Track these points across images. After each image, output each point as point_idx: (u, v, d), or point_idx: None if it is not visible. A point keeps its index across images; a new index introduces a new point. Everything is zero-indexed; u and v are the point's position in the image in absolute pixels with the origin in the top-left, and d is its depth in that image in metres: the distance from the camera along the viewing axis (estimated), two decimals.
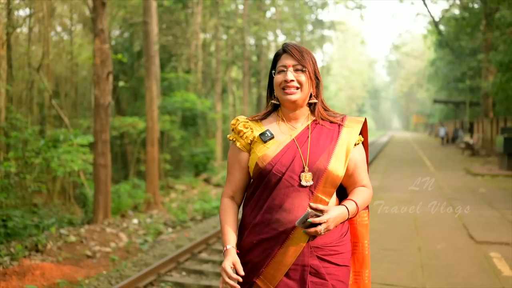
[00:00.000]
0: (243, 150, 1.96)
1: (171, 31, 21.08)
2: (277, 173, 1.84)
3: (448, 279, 3.90)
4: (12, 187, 11.33)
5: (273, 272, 1.83)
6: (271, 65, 1.98)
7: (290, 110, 1.94)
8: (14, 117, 13.88)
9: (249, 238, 1.89)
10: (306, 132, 1.91)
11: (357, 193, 1.92)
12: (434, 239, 5.27)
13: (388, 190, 9.15)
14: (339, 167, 1.85)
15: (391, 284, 3.76)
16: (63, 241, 8.34)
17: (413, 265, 4.25)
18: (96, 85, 9.65)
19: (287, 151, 1.87)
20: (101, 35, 9.52)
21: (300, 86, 1.89)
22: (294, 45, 1.94)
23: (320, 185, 1.82)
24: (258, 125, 1.98)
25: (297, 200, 1.81)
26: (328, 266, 1.85)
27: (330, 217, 1.76)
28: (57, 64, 20.72)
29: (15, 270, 6.33)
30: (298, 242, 1.81)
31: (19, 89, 17.44)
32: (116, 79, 19.38)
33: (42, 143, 12.39)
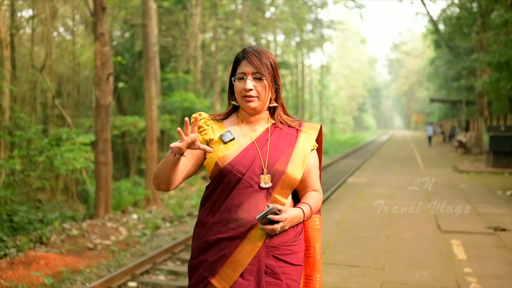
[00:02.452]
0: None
1: (171, 32, 21.53)
2: (237, 174, 1.87)
3: (407, 262, 4.38)
4: (17, 184, 11.81)
5: (229, 272, 1.85)
6: (232, 70, 1.99)
7: (250, 114, 1.98)
8: (18, 116, 14.34)
9: (206, 237, 1.90)
10: (265, 135, 1.96)
11: (310, 197, 1.98)
12: (404, 229, 5.75)
13: (373, 186, 9.63)
14: (297, 170, 1.90)
15: (354, 265, 4.24)
16: (66, 234, 8.82)
17: (379, 250, 4.73)
18: (97, 86, 10.13)
19: (247, 153, 1.90)
20: (101, 38, 9.99)
21: (258, 95, 1.91)
22: (253, 51, 1.94)
23: (278, 187, 1.87)
24: (219, 125, 2.00)
25: (255, 200, 1.85)
26: (283, 266, 1.88)
27: (288, 217, 1.81)
28: (60, 65, 21.12)
29: (21, 260, 6.82)
30: (255, 242, 1.84)
31: (22, 89, 17.86)
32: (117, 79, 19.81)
33: (45, 142, 12.83)
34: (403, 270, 4.13)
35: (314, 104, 51.05)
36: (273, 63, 1.96)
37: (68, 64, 21.95)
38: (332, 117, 59.55)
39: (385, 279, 3.90)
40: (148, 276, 6.19)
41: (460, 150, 22.29)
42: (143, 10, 13.46)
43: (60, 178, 13.91)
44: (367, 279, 3.88)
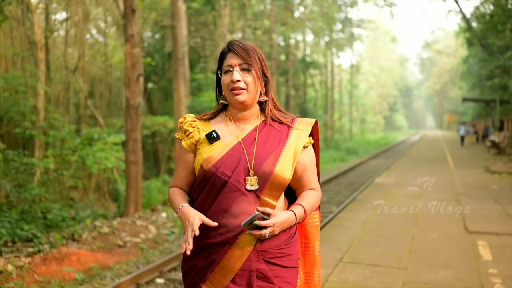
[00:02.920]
0: (188, 150, 1.90)
1: (200, 33, 21.73)
2: (222, 176, 1.79)
3: (430, 262, 4.37)
4: (51, 183, 12.14)
5: (219, 277, 1.79)
6: (217, 65, 1.92)
7: (239, 110, 1.88)
8: (52, 117, 14.73)
9: (195, 242, 1.82)
10: (253, 133, 1.86)
11: (305, 196, 1.89)
12: (430, 229, 5.72)
13: (401, 186, 9.57)
14: (286, 170, 1.81)
15: (377, 264, 4.25)
16: (97, 232, 9.05)
17: (402, 250, 4.73)
18: (127, 87, 10.35)
19: (233, 154, 1.82)
20: (131, 40, 10.20)
21: (246, 86, 1.83)
22: (239, 43, 1.87)
23: (266, 189, 1.79)
24: (206, 125, 1.92)
25: (244, 204, 1.77)
26: (276, 269, 1.82)
27: (277, 221, 1.73)
28: (92, 66, 21.56)
29: (54, 256, 7.03)
30: (244, 247, 1.77)
31: (56, 90, 18.31)
32: (148, 80, 20.11)
33: (78, 142, 13.15)
34: (426, 270, 4.13)
35: (343, 104, 50.73)
36: (260, 55, 1.88)
37: (100, 65, 22.39)
38: (362, 116, 59.05)
39: (408, 278, 3.91)
40: (175, 273, 6.31)
41: (493, 150, 21.86)
42: (172, 12, 13.66)
43: (92, 177, 14.22)
44: (389, 278, 3.90)
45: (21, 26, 17.27)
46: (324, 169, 19.72)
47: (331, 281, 3.85)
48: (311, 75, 34.02)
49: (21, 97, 14.18)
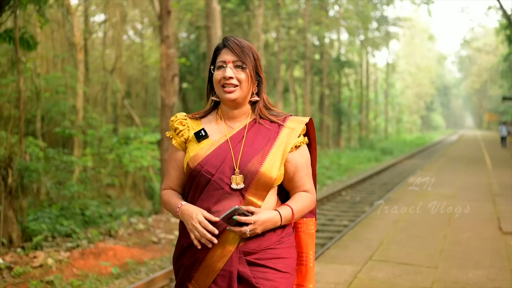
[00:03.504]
0: (179, 148, 1.89)
1: (234, 33, 21.91)
2: (206, 175, 1.76)
3: (461, 261, 4.34)
4: (89, 180, 12.49)
5: (203, 277, 1.76)
6: (211, 60, 1.88)
7: (230, 108, 1.85)
8: (90, 116, 15.13)
9: (181, 240, 1.84)
10: (242, 132, 1.82)
11: (296, 198, 1.84)
12: (463, 229, 5.66)
13: (435, 186, 9.47)
14: (273, 169, 1.75)
15: (407, 263, 4.26)
16: (133, 228, 9.27)
17: (433, 249, 4.71)
18: (162, 87, 10.55)
19: (219, 152, 1.79)
20: (166, 41, 10.39)
21: (239, 84, 1.79)
22: (235, 40, 1.83)
23: (252, 188, 1.74)
24: (196, 124, 1.89)
25: (227, 203, 1.73)
26: (266, 271, 1.75)
27: (259, 219, 1.68)
28: (129, 66, 22.00)
29: (92, 251, 7.27)
30: (226, 246, 1.72)
31: (94, 91, 18.78)
32: (183, 80, 20.38)
33: (115, 141, 13.48)
34: (456, 269, 4.11)
35: (379, 103, 50.16)
36: (255, 54, 1.84)
37: (136, 65, 22.82)
38: (398, 116, 58.27)
39: (437, 277, 3.90)
40: None
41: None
42: (207, 13, 13.82)
43: (128, 175, 14.53)
44: (419, 276, 3.90)
45: (61, 29, 17.79)
46: (358, 169, 19.60)
47: (359, 278, 3.89)
48: (345, 74, 33.79)
49: (61, 97, 14.61)
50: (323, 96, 29.05)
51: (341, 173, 17.56)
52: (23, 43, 8.13)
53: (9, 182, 7.49)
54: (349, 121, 34.41)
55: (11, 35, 8.06)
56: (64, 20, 17.94)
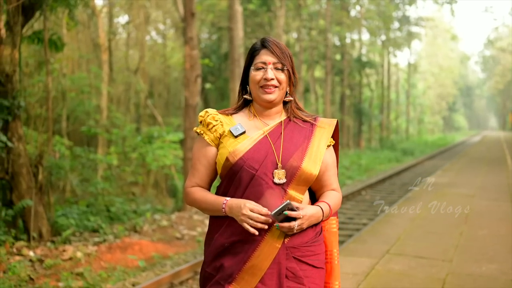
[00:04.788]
0: (211, 144, 1.85)
1: (255, 34, 22.11)
2: (249, 170, 1.75)
3: (476, 256, 4.48)
4: (114, 178, 12.81)
5: (247, 278, 1.71)
6: (247, 60, 1.90)
7: (265, 107, 1.87)
8: (114, 116, 15.48)
9: (220, 240, 1.78)
10: (279, 128, 1.85)
11: (329, 196, 1.86)
12: (479, 227, 5.78)
13: (454, 186, 9.54)
14: (313, 166, 1.79)
15: (423, 257, 4.41)
16: (157, 225, 9.54)
17: (449, 245, 4.85)
18: (186, 87, 10.80)
19: (259, 147, 1.79)
20: (190, 42, 10.64)
21: (279, 85, 1.82)
22: (274, 41, 1.85)
23: (293, 183, 1.76)
24: (229, 119, 1.89)
25: (271, 198, 1.73)
26: (306, 269, 1.76)
27: (306, 214, 1.69)
28: (152, 67, 22.34)
29: (118, 245, 7.54)
30: (273, 243, 1.71)
31: (118, 91, 19.14)
32: (205, 80, 20.65)
33: (138, 140, 13.79)
34: (471, 263, 4.25)
35: (400, 104, 49.88)
36: (291, 56, 1.88)
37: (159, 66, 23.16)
38: (420, 117, 57.83)
39: (451, 270, 4.05)
40: None
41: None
42: (229, 14, 14.06)
43: (151, 173, 14.83)
44: (434, 269, 4.06)
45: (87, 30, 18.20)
46: (379, 169, 19.64)
47: (376, 269, 4.06)
48: (366, 74, 33.75)
49: (86, 97, 14.97)
50: (344, 96, 29.07)
51: (361, 173, 17.64)
52: (51, 44, 8.46)
53: (40, 179, 7.81)
54: (370, 122, 34.35)
55: (40, 36, 8.39)
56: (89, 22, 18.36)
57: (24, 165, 7.39)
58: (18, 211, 7.12)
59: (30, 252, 6.75)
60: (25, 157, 7.45)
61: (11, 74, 7.16)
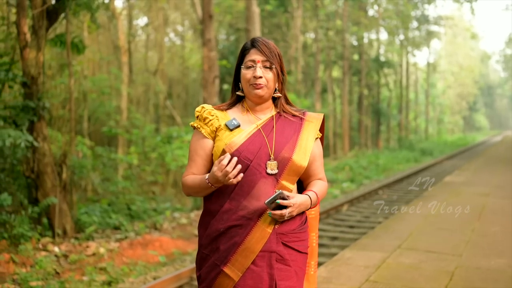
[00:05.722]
0: (208, 137, 1.98)
1: (273, 35, 22.27)
2: (245, 160, 1.88)
3: (485, 251, 4.58)
4: (134, 177, 13.08)
5: (241, 259, 1.86)
6: (239, 59, 2.02)
7: (256, 103, 2.01)
8: (134, 116, 15.78)
9: (216, 225, 1.91)
10: (271, 122, 1.99)
11: (316, 185, 2.02)
12: (492, 224, 5.85)
13: (471, 185, 9.58)
14: (302, 157, 1.93)
15: (433, 251, 4.54)
16: (176, 222, 9.77)
17: (460, 240, 4.96)
18: (204, 88, 11.02)
19: (254, 140, 1.92)
20: (208, 44, 10.86)
21: (267, 83, 1.95)
22: (263, 41, 1.98)
23: (285, 174, 1.91)
24: (224, 114, 2.02)
25: (264, 187, 1.88)
26: (291, 253, 1.91)
27: (296, 202, 1.84)
28: (170, 68, 22.63)
29: (139, 242, 7.78)
30: (264, 229, 1.86)
31: (138, 92, 19.46)
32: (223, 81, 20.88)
33: (158, 140, 14.04)
34: (480, 257, 4.37)
35: (419, 104, 49.57)
36: (280, 54, 2.01)
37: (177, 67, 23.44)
38: (439, 116, 57.37)
39: (460, 263, 4.17)
40: None
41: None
42: (246, 16, 14.23)
43: (170, 173, 15.07)
44: (443, 263, 4.18)
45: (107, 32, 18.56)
46: (397, 169, 19.65)
47: (387, 262, 4.20)
48: (385, 74, 33.65)
49: (107, 98, 15.28)
50: (362, 96, 29.05)
51: (379, 173, 17.68)
52: (73, 47, 8.73)
53: (64, 178, 8.09)
54: (388, 122, 34.25)
55: (62, 39, 8.66)
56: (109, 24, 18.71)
57: (49, 164, 7.67)
58: (43, 208, 7.40)
59: (55, 248, 7.02)
60: (50, 157, 7.73)
61: (36, 76, 7.45)
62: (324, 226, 8.54)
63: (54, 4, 7.59)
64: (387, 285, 3.64)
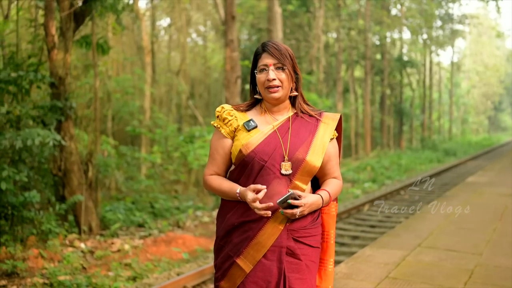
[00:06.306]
0: (227, 136, 2.07)
1: (294, 35, 22.30)
2: (260, 161, 1.97)
3: (506, 250, 4.58)
4: (157, 176, 13.27)
5: (252, 253, 1.97)
6: (252, 64, 2.10)
7: (273, 104, 2.07)
8: (157, 116, 15.99)
9: (231, 219, 2.01)
10: (287, 123, 2.06)
11: (330, 184, 2.09)
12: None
13: (493, 185, 9.51)
14: (316, 158, 2.00)
15: (453, 250, 4.56)
16: (198, 221, 9.91)
17: (481, 240, 4.97)
18: (227, 88, 11.14)
19: (269, 141, 2.00)
20: (231, 45, 10.98)
21: (281, 84, 2.01)
22: (273, 44, 2.05)
23: (298, 174, 1.98)
24: (243, 115, 2.09)
25: (278, 186, 1.96)
26: (303, 248, 2.00)
27: (307, 202, 1.91)
28: (192, 68, 22.84)
29: (163, 239, 7.93)
30: (276, 225, 1.95)
31: (160, 92, 19.71)
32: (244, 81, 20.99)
33: (180, 139, 14.22)
34: (500, 256, 4.38)
35: (443, 104, 49.01)
36: (292, 54, 2.06)
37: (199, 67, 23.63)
38: (464, 117, 56.62)
39: (480, 262, 4.20)
40: None
41: None
42: (268, 16, 14.31)
43: (192, 172, 15.24)
44: (463, 261, 4.21)
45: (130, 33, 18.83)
46: (419, 169, 19.52)
47: (407, 260, 4.25)
48: (407, 74, 33.38)
49: (130, 98, 15.51)
50: (384, 96, 28.89)
51: (401, 174, 17.59)
52: (98, 48, 8.93)
53: (90, 176, 8.29)
54: (411, 122, 33.97)
55: (88, 41, 8.86)
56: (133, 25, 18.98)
57: (76, 163, 7.87)
58: (70, 205, 7.60)
59: (81, 244, 7.21)
60: (76, 155, 7.94)
61: (63, 77, 7.65)
62: (345, 225, 8.59)
63: (81, 6, 7.78)
64: (407, 282, 3.70)
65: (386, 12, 27.05)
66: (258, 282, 1.97)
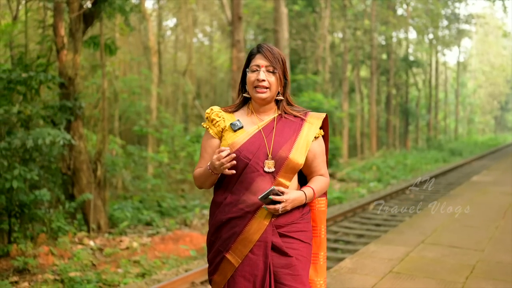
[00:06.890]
0: (215, 137, 2.17)
1: (300, 35, 22.37)
2: (244, 159, 2.05)
3: (508, 247, 4.64)
4: (164, 175, 13.39)
5: (240, 248, 2.05)
6: (245, 63, 2.17)
7: (260, 105, 2.15)
8: (164, 116, 16.11)
9: (219, 216, 2.10)
10: (271, 123, 2.14)
11: (315, 181, 2.17)
12: None
13: (498, 185, 9.56)
14: (299, 156, 2.07)
15: (456, 246, 4.65)
16: (205, 219, 10.01)
17: (483, 237, 5.04)
18: (233, 89, 11.26)
19: (254, 140, 2.09)
20: (237, 45, 11.09)
21: (269, 86, 2.09)
22: (268, 47, 2.13)
23: (282, 171, 2.06)
24: (230, 116, 2.19)
25: (262, 183, 2.04)
26: (292, 242, 2.07)
27: (289, 198, 1.99)
28: (199, 68, 22.94)
29: (171, 237, 8.05)
30: (261, 221, 2.03)
31: (167, 92, 19.83)
32: None
33: (187, 139, 14.33)
34: (502, 252, 4.46)
35: (449, 103, 48.92)
36: (284, 59, 2.14)
37: (205, 67, 23.74)
38: (470, 116, 56.49)
39: (482, 258, 4.29)
40: None
41: None
42: (274, 17, 14.41)
43: None
44: (465, 257, 4.30)
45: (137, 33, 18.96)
46: (425, 169, 19.55)
47: (410, 256, 4.35)
48: (413, 73, 33.37)
49: (137, 98, 15.64)
50: (390, 96, 28.91)
51: (406, 173, 17.64)
52: (105, 48, 9.05)
53: (98, 175, 8.41)
54: (416, 122, 33.97)
55: (96, 41, 8.99)
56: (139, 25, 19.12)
57: (85, 162, 8.00)
58: (79, 204, 7.73)
59: (91, 242, 7.34)
60: (85, 155, 8.07)
61: (73, 77, 7.78)
62: (351, 224, 8.67)
63: (90, 8, 7.90)
64: (410, 276, 3.79)
65: (392, 12, 27.06)
66: (246, 276, 2.05)
